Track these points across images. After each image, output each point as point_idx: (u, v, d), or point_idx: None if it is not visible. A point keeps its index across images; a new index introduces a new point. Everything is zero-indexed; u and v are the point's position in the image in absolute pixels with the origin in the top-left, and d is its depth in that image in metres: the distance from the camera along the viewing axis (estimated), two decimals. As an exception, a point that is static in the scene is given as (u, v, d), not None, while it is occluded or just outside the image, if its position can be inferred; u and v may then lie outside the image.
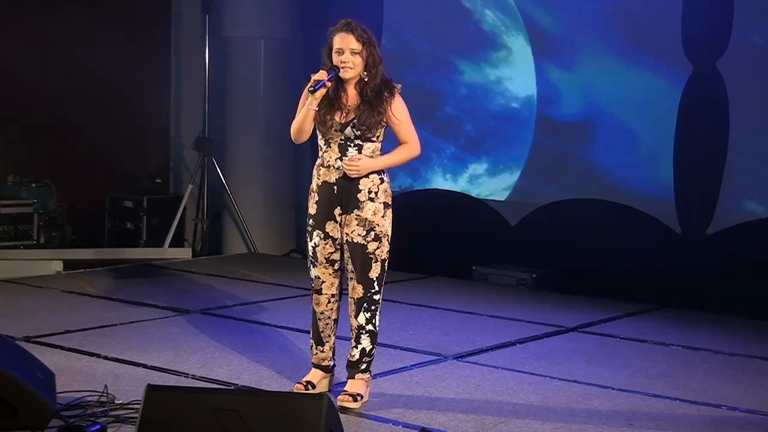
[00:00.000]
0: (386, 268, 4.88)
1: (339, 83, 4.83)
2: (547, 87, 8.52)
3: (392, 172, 9.16)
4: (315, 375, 5.01)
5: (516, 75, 8.67)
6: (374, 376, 5.13)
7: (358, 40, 4.76)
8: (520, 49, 8.62)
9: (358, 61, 4.78)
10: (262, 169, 9.87)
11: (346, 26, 4.80)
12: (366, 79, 4.80)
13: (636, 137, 8.11)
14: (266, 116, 9.70)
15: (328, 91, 4.81)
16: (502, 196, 8.79)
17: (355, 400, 4.80)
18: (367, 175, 4.81)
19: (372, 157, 4.83)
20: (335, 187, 4.83)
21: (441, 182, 9.12)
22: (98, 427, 4.23)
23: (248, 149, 9.87)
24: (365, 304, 4.84)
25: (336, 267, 4.91)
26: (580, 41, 8.33)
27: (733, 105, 7.62)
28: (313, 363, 5.04)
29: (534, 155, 8.61)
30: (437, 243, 9.04)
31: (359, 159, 4.76)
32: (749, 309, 7.37)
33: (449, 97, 9.03)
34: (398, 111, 4.85)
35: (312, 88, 4.74)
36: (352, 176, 4.77)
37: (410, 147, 4.93)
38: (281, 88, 9.63)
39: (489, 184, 8.86)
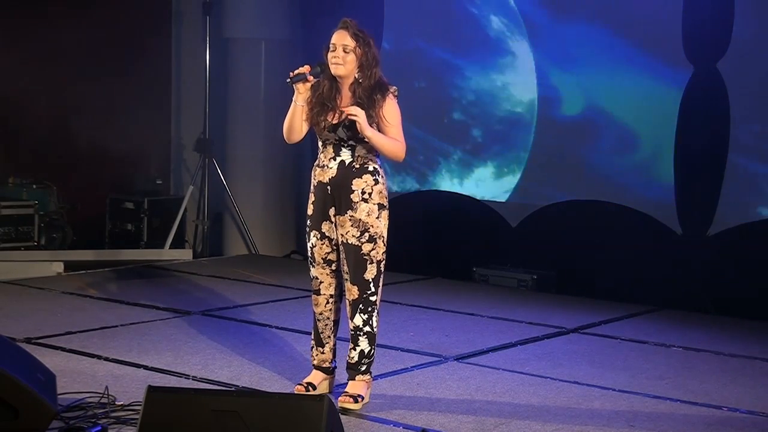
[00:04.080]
0: (383, 269, 4.87)
1: (334, 84, 4.83)
2: (547, 89, 8.52)
3: (394, 172, 9.18)
4: (316, 376, 5.01)
5: (517, 77, 8.66)
6: (375, 378, 5.13)
7: (351, 37, 4.75)
8: (520, 51, 8.62)
9: (350, 58, 4.76)
10: (263, 170, 9.87)
11: (342, 23, 4.81)
12: (360, 80, 4.79)
13: (636, 138, 8.10)
14: (267, 117, 9.69)
15: (323, 91, 4.81)
16: (503, 198, 8.79)
17: (356, 401, 4.80)
18: (360, 176, 4.80)
19: (367, 156, 4.81)
20: (329, 187, 4.84)
21: (442, 184, 9.11)
22: (99, 428, 4.23)
23: (249, 150, 9.87)
24: (361, 306, 4.83)
25: (333, 267, 4.91)
26: (581, 43, 8.32)
27: (733, 106, 7.61)
28: (313, 364, 5.04)
29: (535, 157, 8.61)
30: (438, 244, 9.04)
31: (359, 115, 4.66)
32: (750, 310, 7.37)
33: (449, 98, 9.02)
34: (388, 113, 4.79)
35: (289, 80, 4.75)
36: (350, 116, 4.68)
37: (400, 145, 4.85)
38: (282, 90, 9.58)
39: (490, 185, 8.86)
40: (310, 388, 4.93)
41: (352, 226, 4.79)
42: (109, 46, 9.84)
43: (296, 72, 4.80)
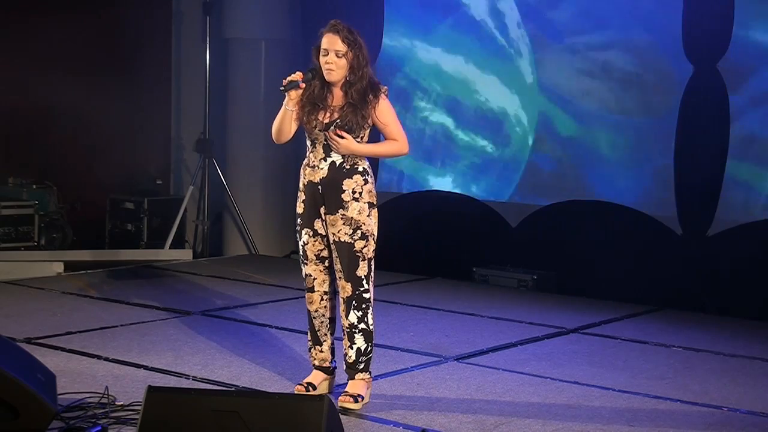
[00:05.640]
0: (373, 267, 4.89)
1: (325, 84, 4.84)
2: (547, 87, 8.52)
3: (394, 172, 9.19)
4: (316, 376, 5.02)
5: (518, 77, 8.66)
6: (375, 378, 5.13)
7: (343, 41, 4.77)
8: (521, 51, 8.62)
9: (343, 63, 4.78)
10: (263, 170, 9.87)
11: (332, 27, 4.81)
12: (351, 81, 4.80)
13: (637, 138, 8.10)
14: (267, 118, 9.56)
15: (314, 91, 4.83)
16: (503, 198, 8.79)
17: (356, 401, 4.80)
18: (351, 176, 4.82)
19: (357, 157, 4.84)
20: (319, 187, 4.85)
21: (442, 183, 9.11)
22: (99, 428, 4.23)
23: (249, 150, 9.87)
24: (355, 302, 4.85)
25: (326, 264, 4.93)
26: (581, 42, 8.32)
27: (733, 106, 7.62)
28: (314, 365, 5.04)
29: (535, 156, 8.61)
30: (438, 244, 9.03)
31: (346, 138, 4.75)
32: (750, 310, 7.37)
33: (449, 97, 9.02)
34: (383, 113, 4.84)
35: (283, 88, 4.77)
36: (333, 146, 4.77)
37: (398, 144, 4.92)
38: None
39: (490, 185, 8.86)
40: (310, 388, 4.94)
41: (344, 224, 4.81)
42: (110, 46, 9.85)
43: (289, 79, 4.81)
